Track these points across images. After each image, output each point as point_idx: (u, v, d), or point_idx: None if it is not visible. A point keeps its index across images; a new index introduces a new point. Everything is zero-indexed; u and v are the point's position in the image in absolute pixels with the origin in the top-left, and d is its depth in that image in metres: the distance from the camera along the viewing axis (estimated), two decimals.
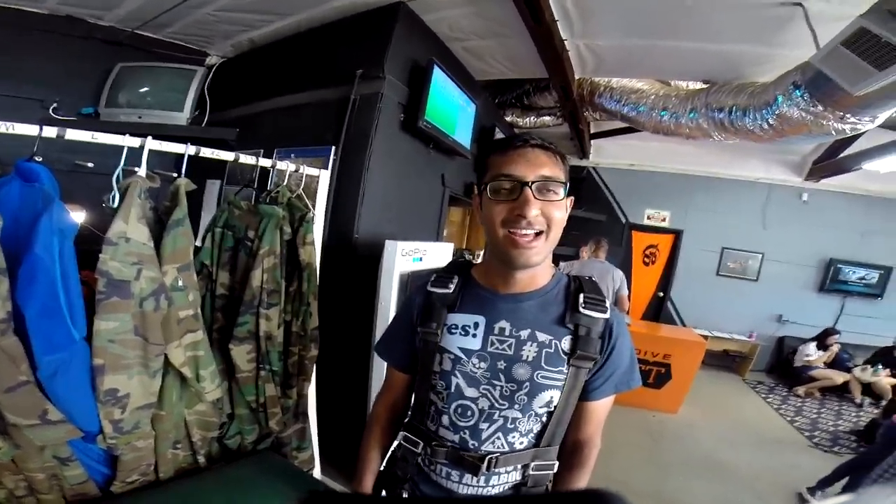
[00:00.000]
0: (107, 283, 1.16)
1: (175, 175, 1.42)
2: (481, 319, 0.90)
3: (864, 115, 2.32)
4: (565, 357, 0.87)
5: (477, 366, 0.88)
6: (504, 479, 0.91)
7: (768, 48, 2.66)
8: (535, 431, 0.91)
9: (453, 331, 0.91)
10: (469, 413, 0.89)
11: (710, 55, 2.90)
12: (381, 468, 1.04)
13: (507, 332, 0.88)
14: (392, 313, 2.14)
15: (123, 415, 1.25)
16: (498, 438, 0.89)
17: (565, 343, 0.88)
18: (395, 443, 1.02)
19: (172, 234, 1.34)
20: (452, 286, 0.94)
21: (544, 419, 0.90)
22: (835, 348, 5.53)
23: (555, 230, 0.84)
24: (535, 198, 0.81)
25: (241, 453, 1.77)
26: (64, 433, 1.17)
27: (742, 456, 3.53)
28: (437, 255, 2.54)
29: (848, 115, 2.34)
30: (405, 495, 0.97)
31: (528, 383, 0.86)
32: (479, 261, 0.99)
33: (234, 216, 1.74)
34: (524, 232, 0.81)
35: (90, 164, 2.91)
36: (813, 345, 5.62)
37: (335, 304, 2.34)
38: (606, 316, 0.90)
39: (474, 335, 0.89)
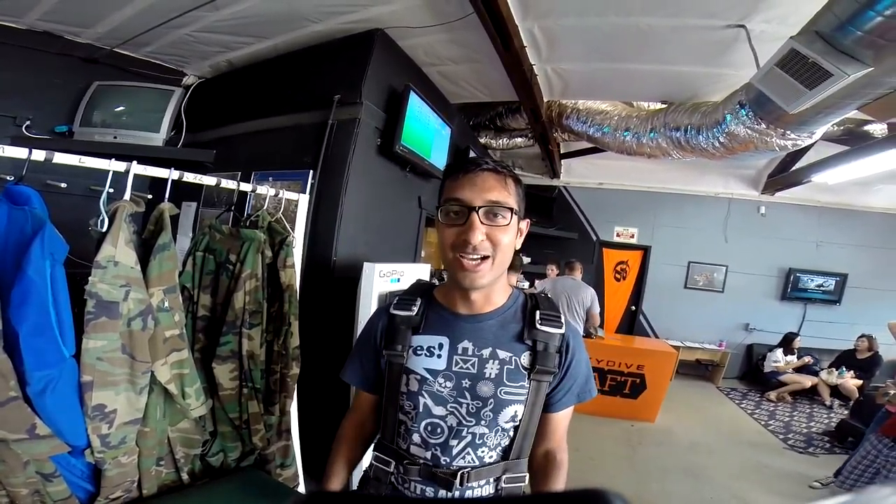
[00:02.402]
0: (96, 304, 1.20)
1: (149, 197, 1.45)
2: (445, 340, 0.92)
3: (801, 132, 2.52)
4: (525, 372, 0.91)
5: (443, 385, 0.90)
6: (477, 494, 0.93)
7: (718, 68, 2.88)
8: (503, 445, 0.93)
9: (419, 352, 0.93)
10: (439, 430, 0.91)
11: (665, 76, 3.12)
12: (354, 488, 1.06)
13: (470, 352, 0.91)
14: None
15: (110, 430, 1.28)
16: (468, 454, 0.91)
17: (524, 359, 0.91)
18: (367, 463, 1.04)
19: (159, 257, 1.38)
20: (416, 308, 0.96)
21: (511, 433, 0.93)
22: (807, 359, 5.80)
23: (500, 254, 0.87)
24: (482, 222, 0.84)
25: (223, 471, 1.78)
26: (50, 448, 1.19)
27: (719, 459, 3.65)
28: (415, 275, 2.59)
29: (788, 132, 2.55)
30: None
31: (492, 399, 0.89)
32: (443, 282, 1.03)
33: (214, 240, 1.78)
34: (470, 257, 0.84)
35: (63, 185, 2.90)
36: (779, 351, 5.87)
37: (316, 324, 2.37)
38: (562, 331, 0.94)
39: (439, 356, 0.91)
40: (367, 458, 1.07)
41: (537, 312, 0.94)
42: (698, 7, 2.31)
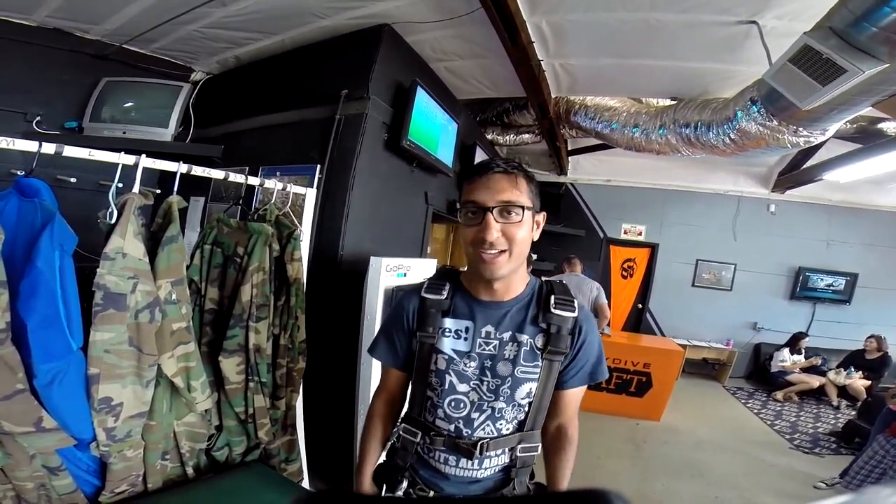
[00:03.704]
0: (104, 296, 1.20)
1: (158, 191, 1.46)
2: (470, 324, 1.02)
3: (814, 129, 2.48)
4: (539, 352, 1.00)
5: (467, 365, 1.01)
6: (495, 462, 1.04)
7: (729, 65, 2.84)
8: (519, 419, 1.03)
9: (447, 334, 1.03)
10: (462, 406, 1.01)
11: (675, 72, 3.08)
12: (381, 460, 1.14)
13: (492, 335, 1.01)
14: (377, 327, 2.19)
15: (116, 423, 1.28)
16: (487, 425, 1.01)
17: (539, 340, 1.00)
18: (395, 434, 1.13)
19: (167, 249, 1.38)
20: (445, 293, 1.05)
21: (526, 408, 1.02)
22: (815, 360, 5.75)
23: (517, 247, 0.94)
24: (497, 220, 0.92)
25: (228, 465, 1.78)
26: (56, 441, 1.19)
27: (724, 458, 3.62)
28: (421, 270, 2.60)
29: (800, 129, 2.51)
30: (405, 483, 1.07)
31: (510, 378, 0.99)
32: (467, 270, 1.11)
33: (222, 233, 1.78)
34: (489, 252, 0.93)
35: (73, 179, 2.92)
36: (786, 350, 5.82)
37: (322, 318, 2.38)
38: (575, 315, 1.02)
39: (465, 338, 1.02)
40: None
41: (552, 297, 1.03)
42: (709, 3, 2.28)
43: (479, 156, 4.23)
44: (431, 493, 1.07)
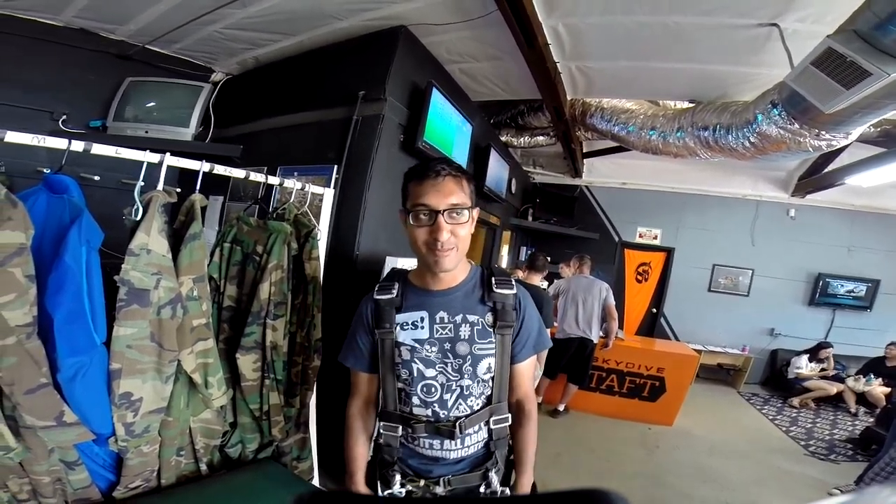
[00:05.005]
0: (128, 292, 1.22)
1: (179, 190, 1.49)
2: (425, 314, 1.12)
3: (837, 132, 2.44)
4: (491, 329, 1.11)
5: (430, 350, 1.10)
6: (476, 439, 1.14)
7: (749, 67, 2.80)
8: (486, 394, 1.13)
9: (405, 327, 1.12)
10: (433, 389, 1.11)
11: (694, 75, 3.05)
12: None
13: (446, 320, 1.11)
14: None
15: (135, 418, 1.29)
16: (460, 404, 1.11)
17: (488, 318, 1.12)
18: (375, 433, 1.20)
19: (189, 246, 1.41)
20: (395, 291, 1.15)
21: (490, 383, 1.13)
22: (830, 365, 5.63)
23: (462, 243, 1.07)
24: (447, 222, 1.02)
25: (241, 462, 1.80)
26: (76, 436, 1.20)
27: (738, 464, 3.57)
28: None
29: (823, 133, 2.46)
30: (397, 476, 1.13)
31: (469, 356, 1.09)
32: (414, 268, 1.20)
33: (242, 232, 1.81)
34: (441, 251, 1.03)
35: (97, 178, 2.99)
36: (805, 358, 5.71)
37: (338, 316, 2.39)
38: (514, 291, 1.14)
39: (422, 327, 1.11)
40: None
41: (493, 279, 1.14)
42: (729, 5, 2.26)
43: (494, 158, 4.22)
44: (423, 482, 1.14)
